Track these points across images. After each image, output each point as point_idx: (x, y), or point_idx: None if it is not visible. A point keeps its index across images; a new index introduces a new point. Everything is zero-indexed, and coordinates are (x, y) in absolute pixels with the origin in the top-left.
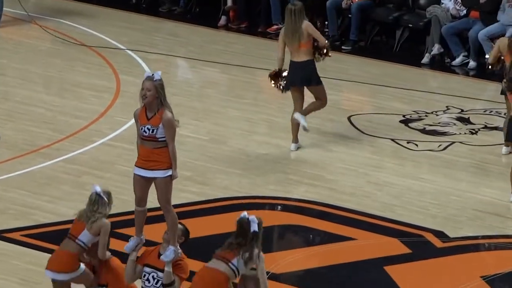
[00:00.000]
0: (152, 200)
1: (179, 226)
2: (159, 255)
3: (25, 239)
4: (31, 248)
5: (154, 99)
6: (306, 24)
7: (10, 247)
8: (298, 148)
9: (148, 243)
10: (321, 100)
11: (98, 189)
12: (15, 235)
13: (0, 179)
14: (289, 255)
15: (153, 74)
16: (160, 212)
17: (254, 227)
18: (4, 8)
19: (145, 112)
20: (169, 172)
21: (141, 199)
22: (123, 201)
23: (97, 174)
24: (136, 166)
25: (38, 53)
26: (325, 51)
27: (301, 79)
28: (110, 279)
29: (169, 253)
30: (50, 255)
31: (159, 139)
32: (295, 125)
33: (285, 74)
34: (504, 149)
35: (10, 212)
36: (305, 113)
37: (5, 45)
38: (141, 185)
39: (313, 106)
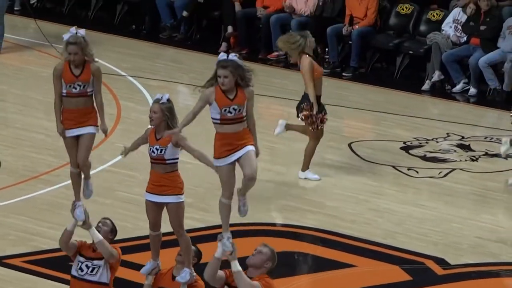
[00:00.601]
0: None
1: (193, 248)
2: (173, 277)
3: (25, 265)
4: (31, 274)
5: (161, 122)
6: None
7: (10, 273)
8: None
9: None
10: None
11: None
12: (15, 261)
13: (0, 205)
14: (290, 282)
15: (161, 97)
16: (174, 237)
17: None
18: (5, 34)
19: (155, 133)
20: (182, 198)
21: (154, 224)
22: (124, 227)
23: (98, 200)
24: (147, 192)
25: (39, 79)
26: None
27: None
28: None
29: (185, 274)
30: (50, 281)
31: (167, 161)
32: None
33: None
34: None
35: (10, 238)
36: (290, 127)
37: (6, 71)
38: (153, 211)
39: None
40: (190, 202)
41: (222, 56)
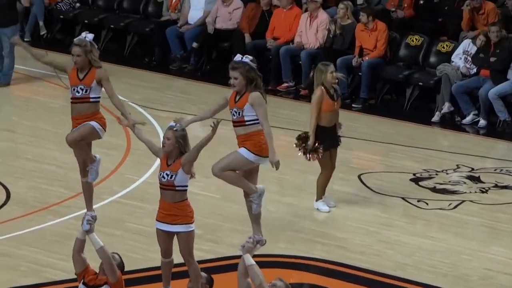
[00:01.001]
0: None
1: (203, 274)
2: None
3: None
4: None
5: (174, 148)
6: None
7: None
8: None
9: None
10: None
11: None
12: None
13: (11, 236)
14: None
15: (175, 124)
16: (185, 268)
17: None
18: (15, 65)
19: (166, 160)
20: (192, 227)
21: (166, 252)
22: (134, 259)
23: (108, 231)
24: (158, 221)
25: (50, 110)
26: None
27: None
28: None
29: None
30: None
31: (177, 188)
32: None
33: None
34: None
35: (21, 269)
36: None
37: (16, 102)
38: (164, 239)
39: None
40: (199, 233)
41: (237, 57)
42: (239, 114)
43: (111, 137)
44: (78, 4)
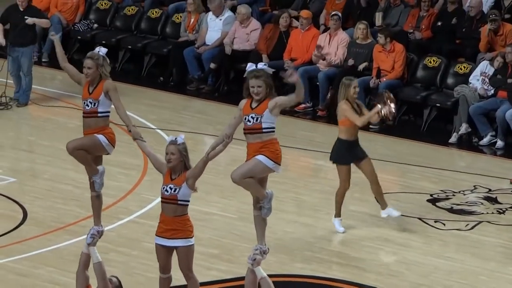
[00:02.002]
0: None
1: None
2: None
3: None
4: None
5: (179, 163)
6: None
7: None
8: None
9: None
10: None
11: None
12: None
13: (28, 255)
14: None
15: (176, 138)
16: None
17: None
18: (33, 86)
19: (170, 174)
20: (191, 241)
21: (164, 268)
22: (150, 278)
23: (124, 251)
24: (157, 236)
25: (67, 130)
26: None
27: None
28: None
29: None
30: None
31: (179, 201)
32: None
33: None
34: None
35: None
36: (338, 213)
37: (34, 122)
38: (163, 254)
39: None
40: (216, 253)
41: (251, 66)
42: (256, 120)
43: (129, 158)
44: (95, 25)
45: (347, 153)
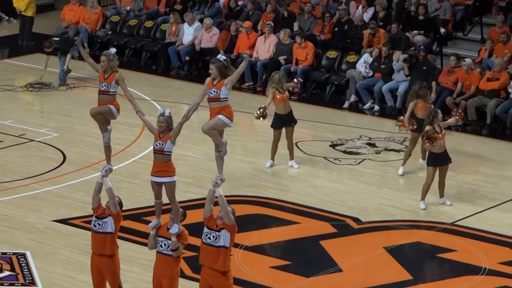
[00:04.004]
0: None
1: (181, 210)
2: (168, 229)
3: (84, 224)
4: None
5: (166, 127)
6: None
7: (74, 230)
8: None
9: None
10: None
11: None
12: (77, 222)
13: (67, 184)
14: (257, 234)
15: (164, 111)
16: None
17: None
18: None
19: (159, 133)
20: (174, 178)
21: (157, 195)
22: (148, 198)
23: (130, 181)
24: (151, 175)
25: (91, 101)
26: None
27: None
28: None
29: (174, 228)
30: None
31: (165, 152)
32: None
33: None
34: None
35: (73, 206)
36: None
37: (70, 96)
38: (156, 187)
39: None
40: (191, 181)
41: (219, 56)
42: (216, 93)
43: (133, 119)
44: (110, 32)
45: (278, 122)
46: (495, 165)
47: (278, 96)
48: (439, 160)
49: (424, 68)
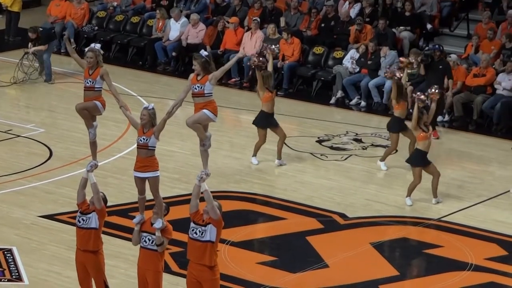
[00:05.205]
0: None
1: (164, 204)
2: (151, 224)
3: (70, 220)
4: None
5: (149, 121)
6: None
7: (60, 226)
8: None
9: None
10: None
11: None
12: (64, 218)
13: (53, 180)
14: (244, 230)
15: (148, 105)
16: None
17: None
18: (54, 68)
19: (143, 128)
20: (158, 173)
21: (141, 191)
22: (134, 194)
23: (116, 176)
24: (135, 171)
25: (77, 97)
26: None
27: None
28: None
29: (158, 223)
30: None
31: (149, 147)
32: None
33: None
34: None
35: (60, 201)
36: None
37: (56, 92)
38: (140, 183)
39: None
40: (177, 177)
41: (201, 52)
42: (200, 88)
43: (119, 115)
44: (96, 28)
45: (266, 121)
46: (481, 161)
47: (266, 95)
48: (424, 160)
49: (440, 67)
